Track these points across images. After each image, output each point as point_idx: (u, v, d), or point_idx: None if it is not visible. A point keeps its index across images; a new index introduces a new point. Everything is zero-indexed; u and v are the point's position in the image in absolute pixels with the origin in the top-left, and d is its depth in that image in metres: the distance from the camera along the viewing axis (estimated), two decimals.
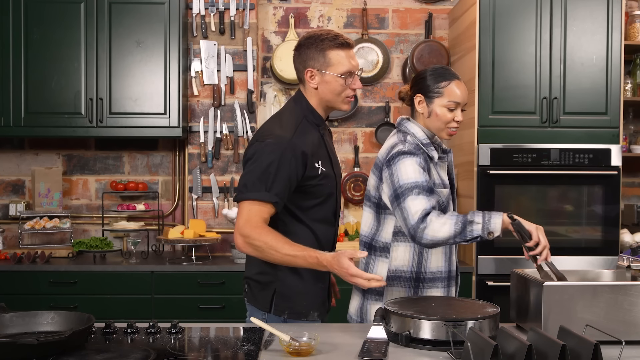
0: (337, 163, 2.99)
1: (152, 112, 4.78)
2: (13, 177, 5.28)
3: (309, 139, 2.80)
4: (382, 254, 2.89)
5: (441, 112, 2.84)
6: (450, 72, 2.89)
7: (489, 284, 4.51)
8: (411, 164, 2.74)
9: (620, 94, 4.59)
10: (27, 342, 2.12)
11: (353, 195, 5.26)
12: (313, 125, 2.86)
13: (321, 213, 2.87)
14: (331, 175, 2.87)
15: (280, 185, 2.68)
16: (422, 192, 2.69)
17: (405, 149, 2.79)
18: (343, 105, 2.87)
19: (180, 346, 2.37)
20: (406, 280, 2.86)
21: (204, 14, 5.04)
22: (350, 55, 2.81)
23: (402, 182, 2.72)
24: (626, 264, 2.66)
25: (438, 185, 2.85)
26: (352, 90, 2.83)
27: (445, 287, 2.91)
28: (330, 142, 3.00)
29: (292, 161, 2.70)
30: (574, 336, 2.09)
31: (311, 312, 2.85)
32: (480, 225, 2.59)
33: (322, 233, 2.88)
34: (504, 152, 4.55)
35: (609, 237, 4.60)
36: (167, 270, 4.52)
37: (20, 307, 2.75)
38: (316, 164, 2.79)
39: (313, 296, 2.86)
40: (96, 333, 2.49)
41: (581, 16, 4.58)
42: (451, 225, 2.60)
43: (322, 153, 2.86)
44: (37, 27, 4.74)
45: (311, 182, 2.78)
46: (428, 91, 2.87)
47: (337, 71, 2.78)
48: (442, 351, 2.30)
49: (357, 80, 2.82)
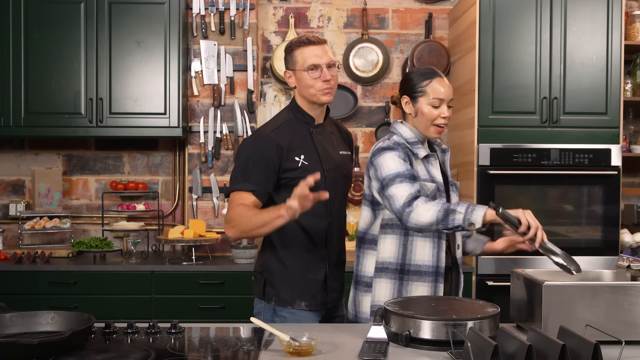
0: (329, 159, 3.06)
1: (152, 112, 4.78)
2: (13, 177, 5.28)
3: (291, 135, 2.99)
4: (371, 247, 3.00)
5: (427, 110, 2.91)
6: (432, 71, 2.97)
7: (489, 284, 4.51)
8: (391, 157, 2.86)
9: (620, 94, 4.59)
10: (27, 342, 2.12)
11: (353, 195, 5.25)
12: (302, 123, 3.06)
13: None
14: (316, 170, 2.88)
15: (259, 176, 2.92)
16: (405, 180, 2.79)
17: (384, 145, 2.91)
18: (321, 97, 3.01)
19: (180, 346, 2.37)
20: (392, 272, 2.91)
21: (204, 14, 5.04)
22: (315, 50, 2.99)
23: (385, 174, 2.83)
24: (626, 264, 2.65)
25: (425, 180, 2.90)
26: (323, 83, 2.97)
27: (433, 282, 2.91)
28: (326, 140, 3.11)
29: (267, 152, 2.92)
30: (574, 336, 2.09)
31: (297, 301, 3.01)
32: (462, 215, 2.63)
33: (311, 226, 3.01)
34: (504, 152, 4.55)
35: (609, 237, 4.59)
36: (167, 270, 4.51)
37: (20, 307, 2.75)
38: (296, 157, 2.96)
39: (299, 286, 3.01)
40: (96, 333, 2.50)
41: (581, 16, 4.58)
42: (435, 211, 2.66)
43: (307, 149, 3.00)
44: (37, 27, 4.74)
45: (291, 175, 2.93)
46: (412, 91, 2.96)
47: (303, 67, 2.98)
48: (442, 351, 2.30)
49: (326, 72, 2.96)
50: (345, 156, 3.19)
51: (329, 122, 3.20)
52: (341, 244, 3.18)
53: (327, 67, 2.98)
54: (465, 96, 4.78)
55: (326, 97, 3.01)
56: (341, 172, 3.11)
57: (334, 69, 3.01)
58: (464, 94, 4.81)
